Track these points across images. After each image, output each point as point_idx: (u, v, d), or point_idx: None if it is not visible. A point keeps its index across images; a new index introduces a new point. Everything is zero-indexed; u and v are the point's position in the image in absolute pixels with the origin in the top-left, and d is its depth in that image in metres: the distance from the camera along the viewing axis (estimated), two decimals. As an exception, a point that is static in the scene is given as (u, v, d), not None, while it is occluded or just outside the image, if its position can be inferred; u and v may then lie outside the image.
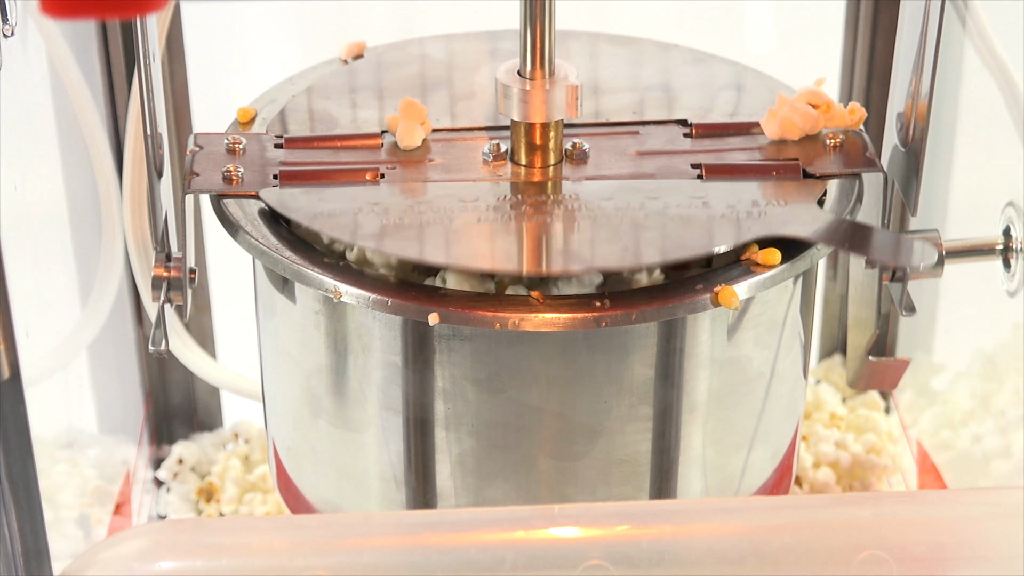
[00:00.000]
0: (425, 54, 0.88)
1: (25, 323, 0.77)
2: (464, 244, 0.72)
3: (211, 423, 1.14)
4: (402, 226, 0.74)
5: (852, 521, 0.67)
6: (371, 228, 0.73)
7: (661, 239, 0.73)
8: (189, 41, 1.03)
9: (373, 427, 0.77)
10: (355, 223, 0.74)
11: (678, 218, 0.74)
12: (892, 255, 0.74)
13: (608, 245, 0.72)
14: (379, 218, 0.74)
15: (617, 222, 0.74)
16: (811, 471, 1.06)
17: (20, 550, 0.62)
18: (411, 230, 0.73)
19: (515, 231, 0.74)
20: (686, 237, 0.73)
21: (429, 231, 0.73)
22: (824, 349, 1.17)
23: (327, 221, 0.74)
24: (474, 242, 0.73)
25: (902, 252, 0.74)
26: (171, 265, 0.78)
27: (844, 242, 0.73)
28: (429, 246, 0.72)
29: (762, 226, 0.74)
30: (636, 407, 0.75)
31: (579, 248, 0.72)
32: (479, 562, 0.65)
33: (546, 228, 0.74)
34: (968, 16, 0.86)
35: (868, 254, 0.73)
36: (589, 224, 0.74)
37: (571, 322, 0.71)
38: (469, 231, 0.73)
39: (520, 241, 0.73)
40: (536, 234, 0.74)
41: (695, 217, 0.74)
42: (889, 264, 0.76)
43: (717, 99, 0.84)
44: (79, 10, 0.51)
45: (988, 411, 0.95)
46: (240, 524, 0.71)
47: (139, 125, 0.87)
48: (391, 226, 0.74)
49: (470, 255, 0.72)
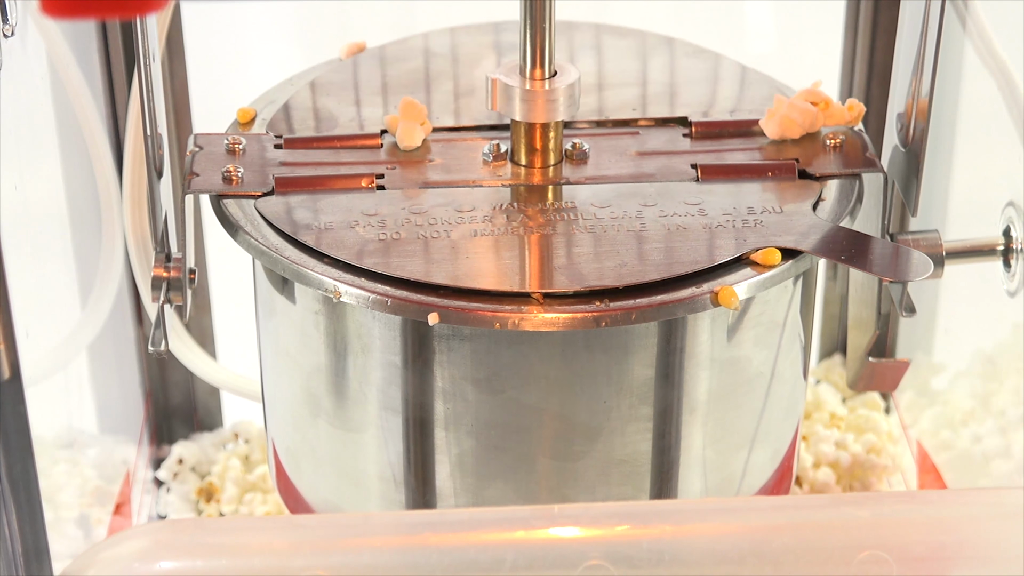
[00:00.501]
0: (427, 48, 0.88)
1: (25, 323, 0.77)
2: (460, 262, 0.72)
3: (211, 423, 1.14)
4: (399, 241, 0.74)
5: (852, 521, 0.67)
6: (368, 245, 0.73)
7: (658, 253, 0.73)
8: (189, 41, 1.03)
9: (373, 427, 0.77)
10: (351, 238, 0.74)
11: (675, 229, 0.74)
12: (889, 268, 0.74)
13: (606, 260, 0.72)
14: (375, 231, 0.74)
15: (614, 234, 0.74)
16: (811, 471, 1.06)
17: (20, 550, 0.62)
18: (408, 246, 0.73)
19: (513, 247, 0.74)
20: (683, 251, 0.73)
21: (425, 249, 0.73)
22: (824, 349, 1.17)
23: (324, 236, 0.74)
24: (470, 260, 0.73)
25: (899, 264, 0.74)
26: (171, 265, 0.78)
27: (841, 254, 0.73)
28: (426, 265, 0.72)
29: (759, 237, 0.74)
30: (636, 407, 0.75)
31: (577, 265, 0.72)
32: (479, 562, 0.65)
33: (544, 243, 0.74)
34: (968, 16, 0.86)
35: (865, 267, 0.74)
36: (587, 237, 0.74)
37: (571, 322, 0.71)
38: (466, 247, 0.73)
39: (519, 258, 0.73)
40: (533, 250, 0.74)
41: (692, 227, 0.75)
42: (885, 278, 0.77)
43: (718, 95, 0.84)
44: (79, 10, 0.51)
45: (988, 411, 0.95)
46: (240, 524, 0.71)
47: (139, 125, 0.87)
48: (388, 241, 0.74)
49: (467, 273, 0.72)
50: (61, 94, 0.90)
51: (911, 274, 0.74)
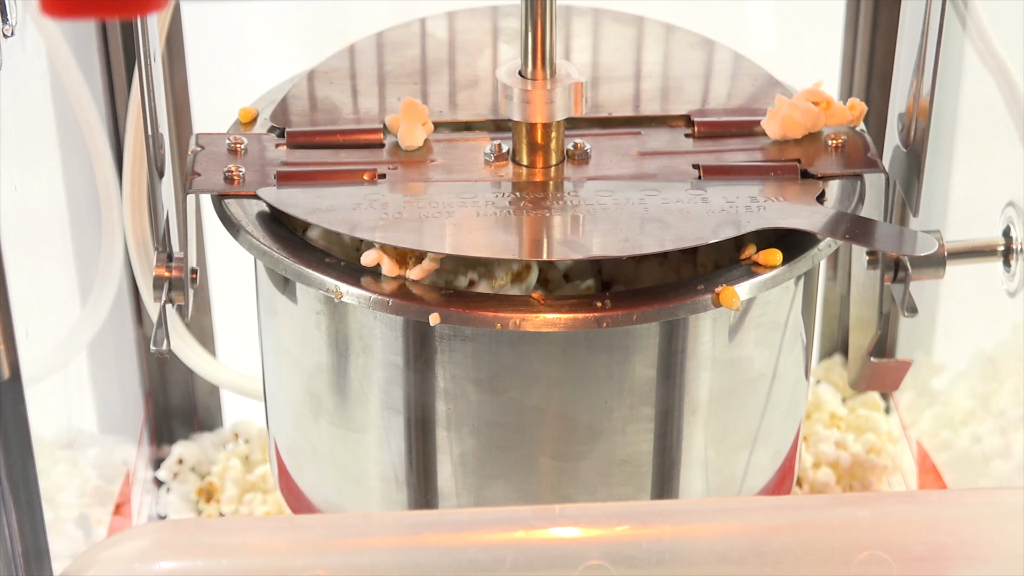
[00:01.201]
0: (428, 34, 0.88)
1: (25, 323, 0.77)
2: (461, 236, 0.72)
3: (211, 423, 1.14)
4: (400, 219, 0.74)
5: (852, 521, 0.67)
6: (369, 221, 0.73)
7: (660, 230, 0.73)
8: (189, 41, 1.03)
9: (374, 427, 0.77)
10: (353, 217, 0.74)
11: (678, 211, 0.74)
12: (895, 244, 0.74)
13: (608, 236, 0.72)
14: (377, 212, 0.74)
15: (616, 215, 0.74)
16: (811, 471, 1.06)
17: (20, 550, 0.62)
18: (410, 223, 0.73)
19: (515, 224, 0.74)
20: (685, 228, 0.73)
21: (427, 224, 0.73)
22: (824, 349, 1.17)
23: (325, 215, 0.74)
24: (473, 233, 0.73)
25: (904, 241, 0.74)
26: (172, 265, 0.78)
27: (846, 233, 0.73)
28: (427, 236, 0.72)
29: (761, 219, 0.74)
30: (637, 408, 0.75)
31: (579, 238, 0.72)
32: (479, 562, 0.65)
33: (545, 220, 0.74)
34: (968, 16, 0.86)
35: (871, 244, 0.73)
36: (589, 217, 0.74)
37: (572, 322, 0.71)
38: (468, 223, 0.73)
39: (520, 232, 0.73)
40: (535, 225, 0.74)
41: (694, 211, 0.74)
42: (892, 252, 0.76)
43: (720, 90, 0.84)
44: (79, 10, 0.51)
45: (988, 411, 0.95)
46: (240, 524, 0.71)
47: (139, 125, 0.87)
48: (389, 219, 0.74)
49: (468, 244, 0.72)
50: (61, 94, 0.90)
51: (917, 249, 0.73)
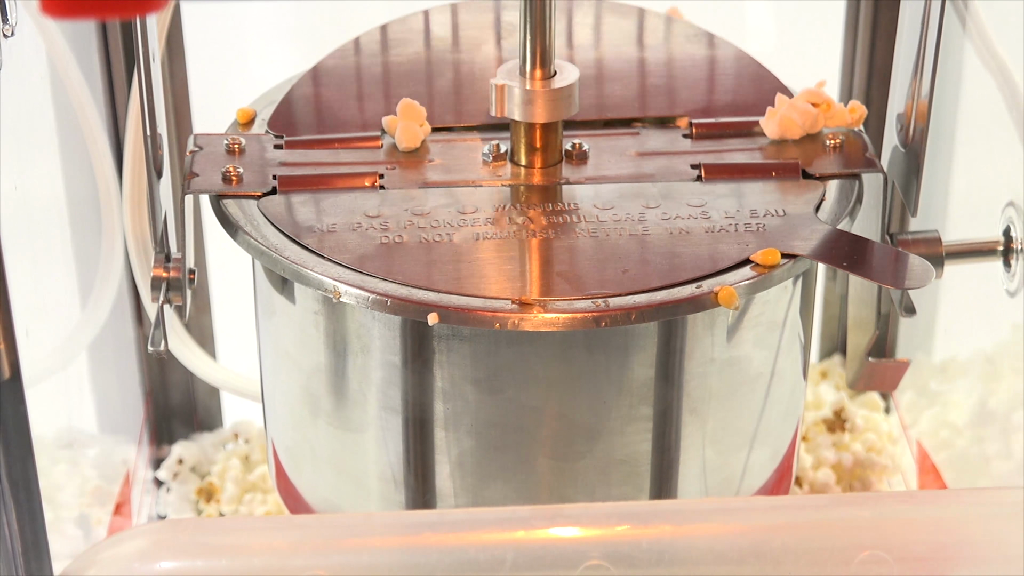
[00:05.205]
0: (428, 28, 0.88)
1: (25, 323, 0.77)
2: (463, 267, 0.72)
3: (211, 423, 1.14)
4: (402, 245, 0.74)
5: (852, 521, 0.67)
6: (371, 249, 0.73)
7: (661, 259, 0.73)
8: (189, 41, 1.03)
9: (372, 427, 0.77)
10: (354, 242, 0.74)
11: (678, 233, 0.74)
12: (890, 276, 0.74)
13: (609, 268, 0.72)
14: (378, 235, 0.74)
15: (616, 239, 0.74)
16: (811, 471, 1.06)
17: (20, 550, 0.62)
18: (410, 251, 0.73)
19: (514, 252, 0.74)
20: (686, 256, 0.73)
21: (427, 253, 0.73)
22: (824, 349, 1.17)
23: (327, 240, 0.74)
24: (472, 265, 0.73)
25: (899, 272, 0.74)
26: (171, 265, 0.79)
27: (843, 261, 0.73)
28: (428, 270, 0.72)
29: (762, 242, 0.74)
30: (636, 407, 0.75)
31: (580, 272, 0.72)
32: (479, 562, 0.65)
33: (546, 247, 0.74)
34: (968, 16, 0.86)
35: (866, 274, 0.74)
36: (589, 242, 0.74)
37: (571, 322, 0.71)
38: (468, 252, 0.73)
39: (520, 264, 0.73)
40: (535, 255, 0.74)
41: (694, 231, 0.74)
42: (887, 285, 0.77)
43: (719, 89, 0.84)
44: (79, 10, 0.51)
45: (988, 411, 0.95)
46: (240, 524, 0.71)
47: (139, 125, 0.87)
48: (391, 245, 0.74)
49: (469, 281, 0.72)
50: (61, 94, 0.90)
51: (912, 282, 0.74)
